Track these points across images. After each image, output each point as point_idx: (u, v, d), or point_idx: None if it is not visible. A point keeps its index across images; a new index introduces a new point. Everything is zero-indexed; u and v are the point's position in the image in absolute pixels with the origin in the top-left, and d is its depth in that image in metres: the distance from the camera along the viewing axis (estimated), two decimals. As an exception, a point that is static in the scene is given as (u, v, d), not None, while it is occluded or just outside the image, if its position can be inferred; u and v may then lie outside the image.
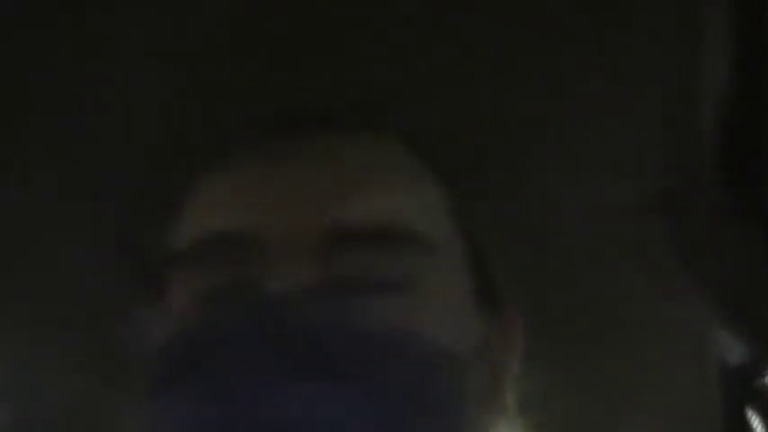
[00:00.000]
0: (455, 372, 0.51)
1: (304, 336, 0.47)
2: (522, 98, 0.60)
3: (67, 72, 0.57)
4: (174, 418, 0.49)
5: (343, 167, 0.54)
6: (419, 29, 0.57)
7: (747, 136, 0.60)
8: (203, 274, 0.53)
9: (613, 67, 0.59)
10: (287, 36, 0.56)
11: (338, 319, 0.48)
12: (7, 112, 0.58)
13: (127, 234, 0.62)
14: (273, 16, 0.56)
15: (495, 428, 0.57)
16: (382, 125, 0.57)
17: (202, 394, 0.48)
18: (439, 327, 0.51)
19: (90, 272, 0.65)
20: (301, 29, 0.56)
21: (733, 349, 0.74)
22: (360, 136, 0.56)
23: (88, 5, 0.55)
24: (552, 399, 0.68)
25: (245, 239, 0.51)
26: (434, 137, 0.58)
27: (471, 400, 0.52)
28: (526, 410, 0.63)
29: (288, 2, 0.56)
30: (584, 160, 0.63)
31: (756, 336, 0.67)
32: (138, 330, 0.66)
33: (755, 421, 0.77)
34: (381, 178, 0.55)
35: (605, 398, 0.73)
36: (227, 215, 0.53)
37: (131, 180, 0.60)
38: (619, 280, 0.69)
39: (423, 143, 0.57)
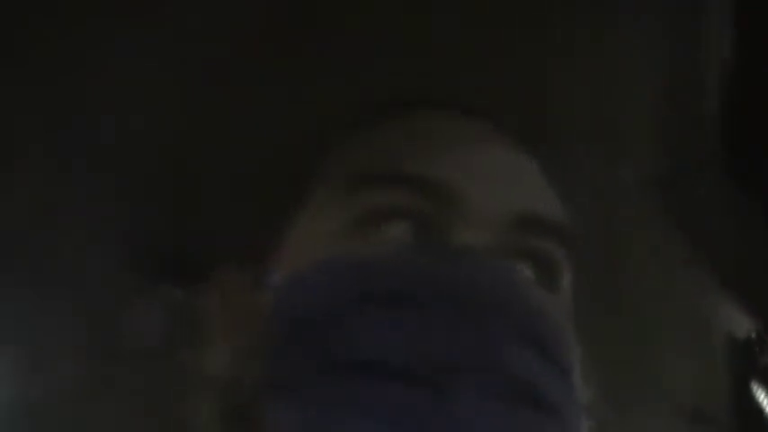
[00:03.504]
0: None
1: (501, 291, 0.51)
2: (524, 76, 0.63)
3: (70, 70, 0.59)
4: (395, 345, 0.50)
5: (527, 160, 0.59)
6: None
7: (749, 115, 0.62)
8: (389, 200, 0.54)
9: (615, 47, 0.61)
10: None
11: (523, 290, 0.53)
12: (8, 111, 0.60)
13: (131, 227, 0.66)
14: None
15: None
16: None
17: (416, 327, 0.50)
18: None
19: (92, 263, 0.68)
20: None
21: (739, 324, 0.78)
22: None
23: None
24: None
25: (443, 187, 0.54)
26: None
27: None
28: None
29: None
30: (587, 141, 0.66)
31: (760, 311, 0.70)
32: (139, 321, 0.70)
33: (761, 395, 0.81)
34: (544, 181, 0.60)
35: (610, 374, 0.77)
36: (427, 161, 0.55)
37: (135, 176, 0.64)
38: (622, 259, 0.72)
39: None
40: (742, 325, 0.78)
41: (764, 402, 0.80)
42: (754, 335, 0.79)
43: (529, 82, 0.62)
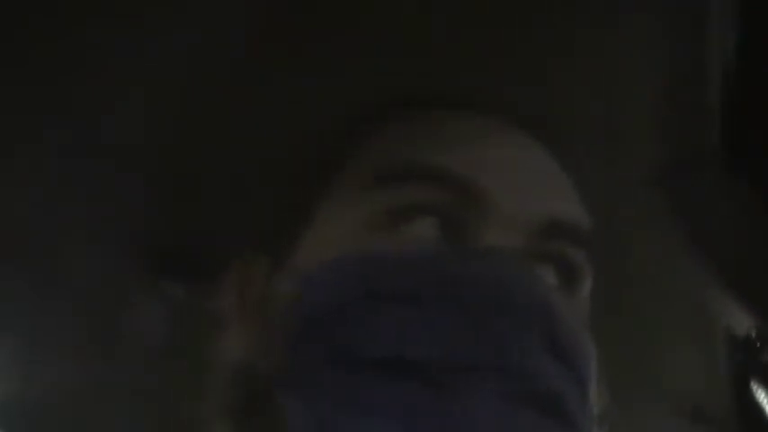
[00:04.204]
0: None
1: (525, 296, 0.51)
2: (524, 76, 0.63)
3: (70, 70, 0.59)
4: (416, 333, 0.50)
5: (550, 160, 0.59)
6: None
7: (749, 115, 0.61)
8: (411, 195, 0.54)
9: (615, 47, 0.61)
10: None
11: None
12: (8, 111, 0.61)
13: (131, 227, 0.66)
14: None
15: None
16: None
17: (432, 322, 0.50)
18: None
19: (92, 263, 0.68)
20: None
21: (739, 323, 0.78)
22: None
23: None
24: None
25: (466, 183, 0.54)
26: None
27: None
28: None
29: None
30: (587, 141, 0.66)
31: (761, 310, 0.70)
32: (139, 321, 0.70)
33: (761, 393, 0.81)
34: (569, 184, 0.60)
35: (610, 374, 0.77)
36: (450, 157, 0.55)
37: (135, 176, 0.64)
38: (623, 255, 0.72)
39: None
40: (742, 324, 0.78)
41: (764, 401, 0.81)
42: (753, 333, 0.79)
43: (529, 82, 0.62)
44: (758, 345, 0.80)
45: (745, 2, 0.59)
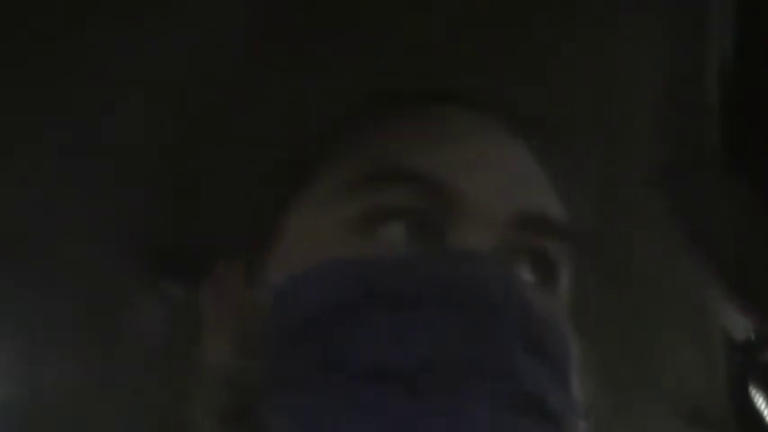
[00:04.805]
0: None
1: (505, 296, 0.50)
2: (524, 76, 0.64)
3: (70, 70, 0.59)
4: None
5: (527, 153, 0.59)
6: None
7: (749, 115, 0.62)
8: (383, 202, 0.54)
9: (615, 47, 0.61)
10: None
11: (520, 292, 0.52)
12: (8, 111, 0.61)
13: (131, 227, 0.66)
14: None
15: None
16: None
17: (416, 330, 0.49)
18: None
19: (92, 263, 0.69)
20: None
21: (738, 325, 0.78)
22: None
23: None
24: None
25: (443, 186, 0.54)
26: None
27: None
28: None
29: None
30: (587, 141, 0.66)
31: (760, 311, 0.70)
32: (139, 320, 0.70)
33: (759, 396, 0.81)
34: (543, 178, 0.60)
35: (610, 374, 0.77)
36: (427, 159, 0.55)
37: (135, 176, 0.64)
38: (622, 259, 0.72)
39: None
40: (741, 325, 0.78)
41: (763, 402, 0.81)
42: (753, 335, 0.79)
43: (529, 82, 0.62)
44: (757, 347, 0.80)
45: (744, 2, 0.59)
